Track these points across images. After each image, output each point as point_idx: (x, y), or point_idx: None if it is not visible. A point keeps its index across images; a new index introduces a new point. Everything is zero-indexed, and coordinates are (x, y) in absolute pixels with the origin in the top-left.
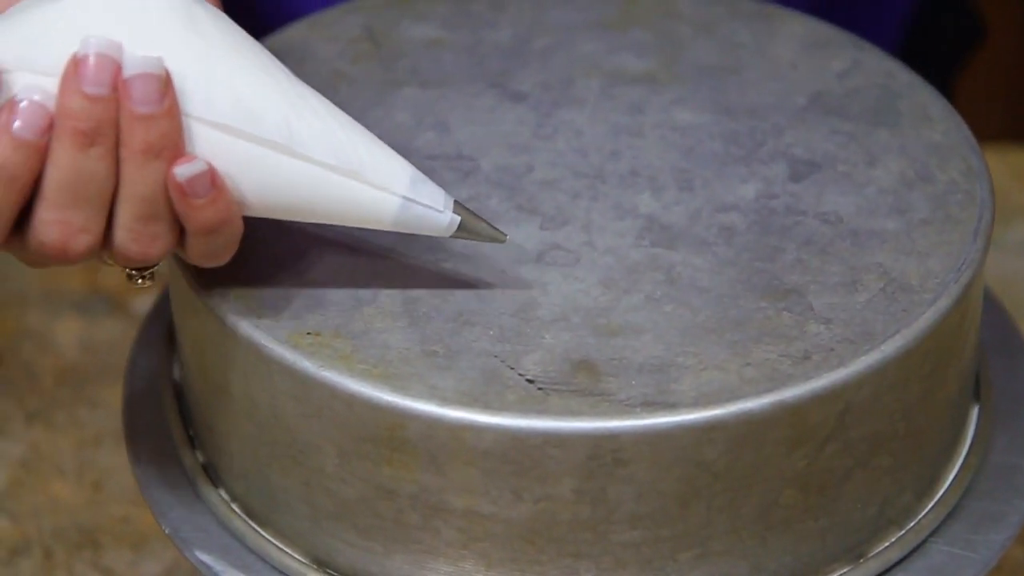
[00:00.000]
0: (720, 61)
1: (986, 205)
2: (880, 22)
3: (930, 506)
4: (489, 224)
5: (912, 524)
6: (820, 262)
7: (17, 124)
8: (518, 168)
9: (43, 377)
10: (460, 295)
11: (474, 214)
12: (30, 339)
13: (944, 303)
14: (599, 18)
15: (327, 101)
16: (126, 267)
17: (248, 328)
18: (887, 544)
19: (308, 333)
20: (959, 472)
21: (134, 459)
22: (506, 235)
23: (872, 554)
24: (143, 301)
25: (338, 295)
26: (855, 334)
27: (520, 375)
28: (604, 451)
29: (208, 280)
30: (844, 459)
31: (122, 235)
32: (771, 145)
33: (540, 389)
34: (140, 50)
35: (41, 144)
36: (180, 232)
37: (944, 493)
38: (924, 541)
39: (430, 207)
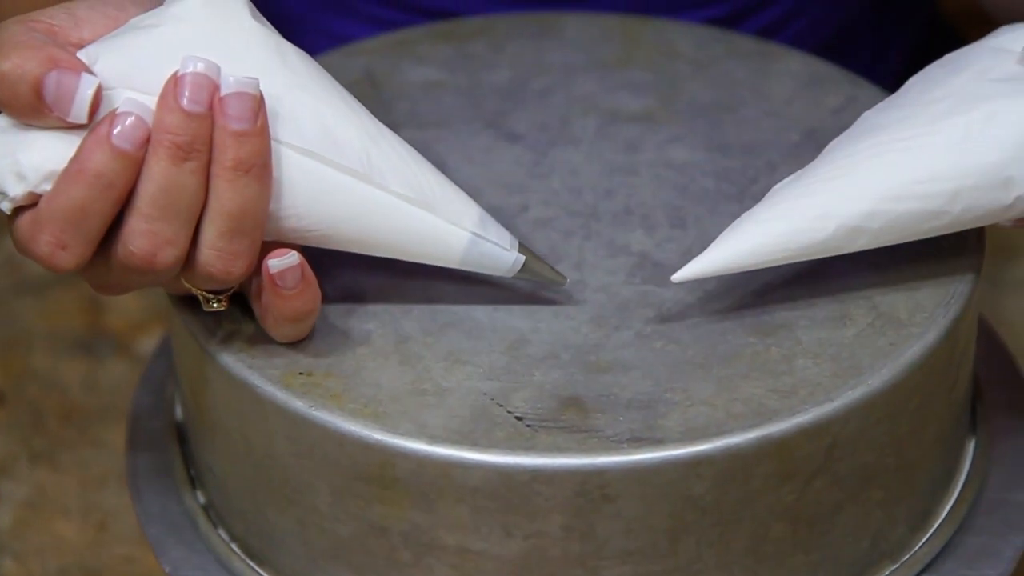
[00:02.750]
0: (717, 99)
1: (977, 239)
2: (881, 60)
3: (924, 540)
4: (551, 266)
5: (906, 558)
6: (809, 296)
7: (116, 134)
8: (513, 208)
9: (48, 418)
10: (452, 334)
11: (536, 256)
12: (35, 380)
13: (932, 337)
14: (598, 58)
15: (400, 138)
16: (204, 288)
17: (241, 368)
18: None
19: (300, 373)
20: (954, 506)
21: (136, 499)
22: (566, 278)
23: None
24: (147, 342)
25: (331, 335)
26: (842, 368)
27: (509, 412)
28: (592, 487)
29: (203, 321)
30: (834, 493)
31: (206, 253)
32: (764, 182)
33: (528, 426)
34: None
35: (138, 156)
36: (259, 255)
37: (939, 527)
38: (918, 575)
39: (497, 244)
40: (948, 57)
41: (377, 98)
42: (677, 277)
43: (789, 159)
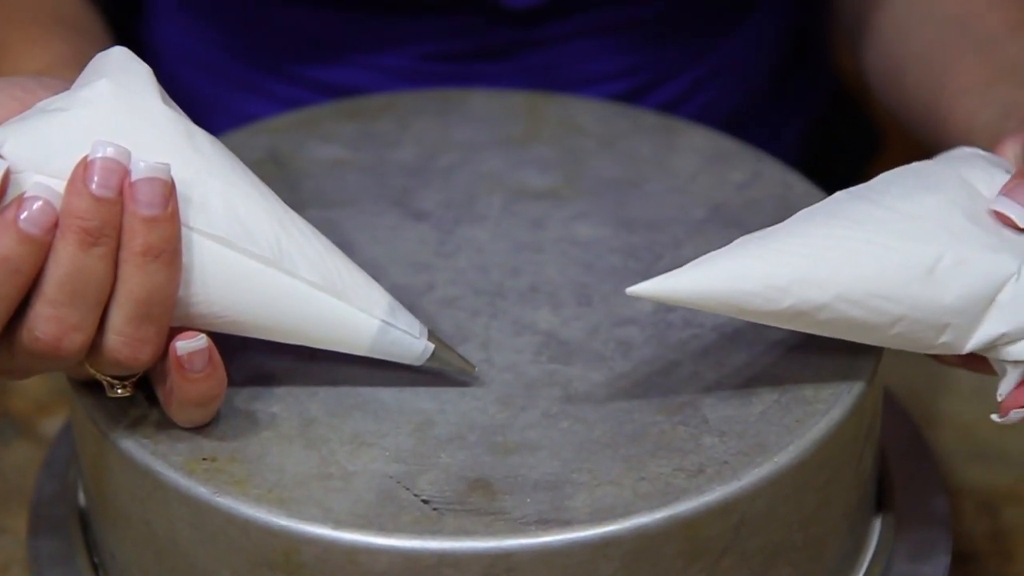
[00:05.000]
0: (622, 175)
1: None
2: (782, 133)
3: None
4: (459, 354)
5: None
6: (716, 374)
7: (24, 219)
8: (419, 287)
9: None
10: (358, 416)
11: (445, 344)
12: None
13: (837, 413)
14: (504, 135)
15: (311, 225)
16: (110, 374)
17: (143, 454)
18: None
19: (204, 458)
20: None
21: None
22: (475, 366)
23: None
24: (51, 424)
25: (235, 419)
26: (749, 446)
27: (415, 496)
28: (499, 570)
29: (105, 407)
30: (742, 571)
31: (113, 339)
32: (669, 258)
33: (435, 509)
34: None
35: (45, 240)
36: (167, 341)
37: None
38: None
39: (407, 332)
40: (919, 168)
41: (282, 177)
42: (632, 290)
43: (695, 235)
